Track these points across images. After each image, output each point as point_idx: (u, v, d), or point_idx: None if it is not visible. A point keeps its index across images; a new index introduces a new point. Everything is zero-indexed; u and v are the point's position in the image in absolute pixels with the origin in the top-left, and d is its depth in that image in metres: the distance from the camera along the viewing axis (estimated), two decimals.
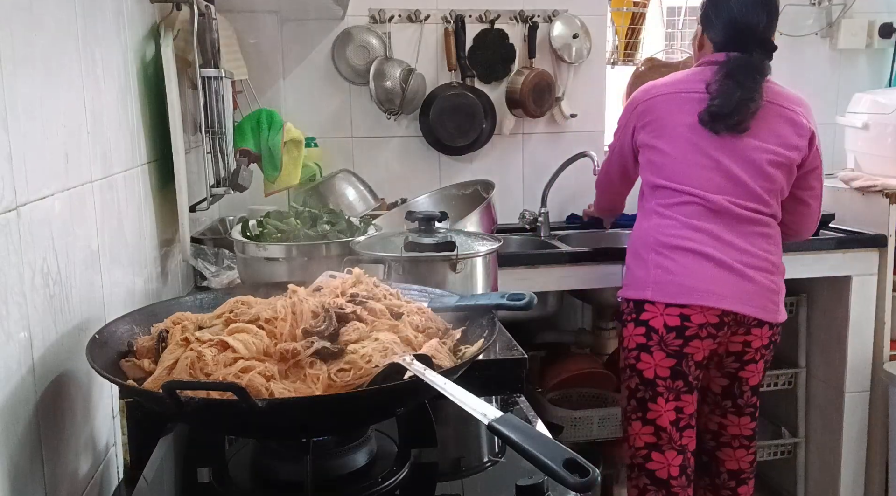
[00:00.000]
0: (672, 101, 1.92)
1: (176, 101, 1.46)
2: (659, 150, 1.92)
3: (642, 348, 1.91)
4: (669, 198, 1.91)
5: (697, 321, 1.85)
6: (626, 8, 3.01)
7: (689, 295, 1.85)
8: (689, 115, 1.88)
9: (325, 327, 0.90)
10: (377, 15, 2.57)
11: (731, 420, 2.01)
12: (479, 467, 1.04)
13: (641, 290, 1.90)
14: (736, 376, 1.97)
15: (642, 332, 1.90)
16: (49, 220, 0.90)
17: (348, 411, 0.83)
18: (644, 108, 1.96)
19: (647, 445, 1.92)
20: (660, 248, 1.89)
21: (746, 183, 1.87)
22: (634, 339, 1.92)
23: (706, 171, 1.87)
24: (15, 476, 0.79)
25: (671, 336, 1.87)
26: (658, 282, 1.88)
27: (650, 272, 1.90)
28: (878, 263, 2.42)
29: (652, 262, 1.90)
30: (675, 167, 1.90)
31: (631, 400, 1.95)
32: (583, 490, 0.66)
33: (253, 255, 1.49)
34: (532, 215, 2.67)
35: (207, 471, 0.94)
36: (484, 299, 1.05)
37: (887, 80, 2.95)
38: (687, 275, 1.86)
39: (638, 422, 1.93)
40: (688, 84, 1.92)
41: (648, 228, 1.94)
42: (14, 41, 0.83)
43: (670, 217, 1.90)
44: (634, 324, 1.92)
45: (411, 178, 2.66)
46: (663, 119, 1.92)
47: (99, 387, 1.07)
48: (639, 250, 1.95)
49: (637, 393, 1.93)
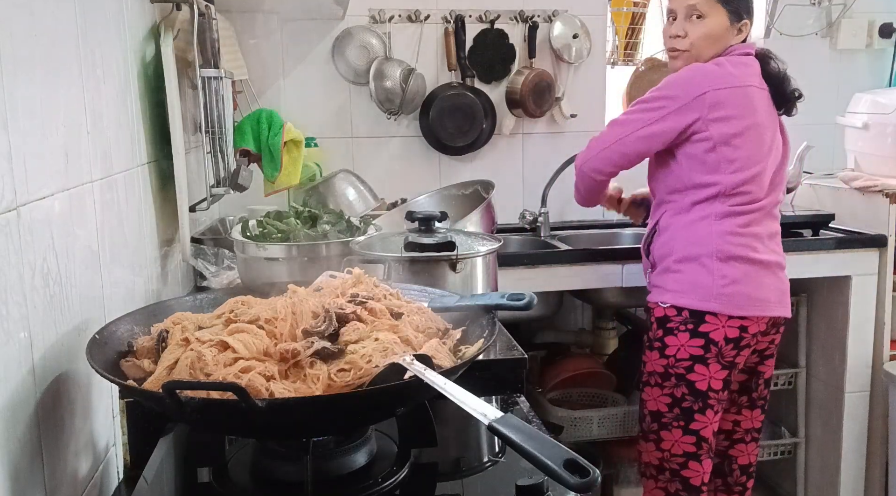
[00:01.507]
0: (747, 97, 1.81)
1: (176, 101, 1.46)
2: (742, 149, 1.80)
3: (698, 360, 1.83)
4: (745, 205, 1.82)
5: (752, 331, 1.83)
6: (626, 8, 3.01)
7: (751, 306, 1.81)
8: (761, 113, 1.82)
9: (326, 327, 0.90)
10: (377, 15, 2.58)
11: (745, 414, 2.00)
12: (479, 467, 1.04)
13: (705, 301, 1.82)
14: (755, 371, 1.97)
15: (700, 344, 1.83)
16: (49, 220, 0.90)
17: (348, 411, 0.83)
18: (716, 98, 1.78)
19: (686, 454, 1.87)
20: (727, 257, 1.81)
21: (781, 182, 1.88)
22: (688, 350, 1.84)
23: (767, 174, 1.84)
24: (15, 476, 0.79)
25: (728, 348, 1.82)
26: (724, 294, 1.80)
27: (715, 282, 1.81)
28: (878, 263, 2.42)
29: (717, 272, 1.81)
30: (757, 170, 1.81)
31: (675, 408, 1.87)
32: (583, 490, 0.66)
33: (253, 255, 1.49)
34: (532, 215, 2.67)
35: (207, 471, 0.94)
36: (484, 299, 1.05)
37: (887, 80, 2.95)
38: (749, 285, 1.81)
39: (679, 430, 1.87)
40: (750, 78, 1.83)
41: (711, 234, 1.82)
42: (14, 41, 0.83)
43: (739, 225, 1.82)
44: (691, 334, 1.83)
45: (411, 178, 2.66)
46: (742, 116, 1.80)
47: (99, 387, 1.07)
48: (698, 256, 1.83)
49: (683, 402, 1.86)
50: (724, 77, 1.80)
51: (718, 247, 1.81)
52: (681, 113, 1.80)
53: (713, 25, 1.84)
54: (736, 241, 1.82)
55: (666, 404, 1.89)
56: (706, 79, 1.79)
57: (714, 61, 1.85)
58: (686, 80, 1.82)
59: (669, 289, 1.87)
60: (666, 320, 1.88)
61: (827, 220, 2.57)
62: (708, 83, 1.79)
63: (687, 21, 1.86)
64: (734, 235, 1.82)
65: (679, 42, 1.88)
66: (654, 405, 1.91)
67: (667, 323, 1.87)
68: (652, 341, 1.92)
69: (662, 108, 1.81)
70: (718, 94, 1.78)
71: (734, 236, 1.82)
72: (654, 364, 1.91)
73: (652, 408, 1.92)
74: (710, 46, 1.86)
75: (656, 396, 1.91)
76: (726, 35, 1.85)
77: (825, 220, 2.57)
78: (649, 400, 1.93)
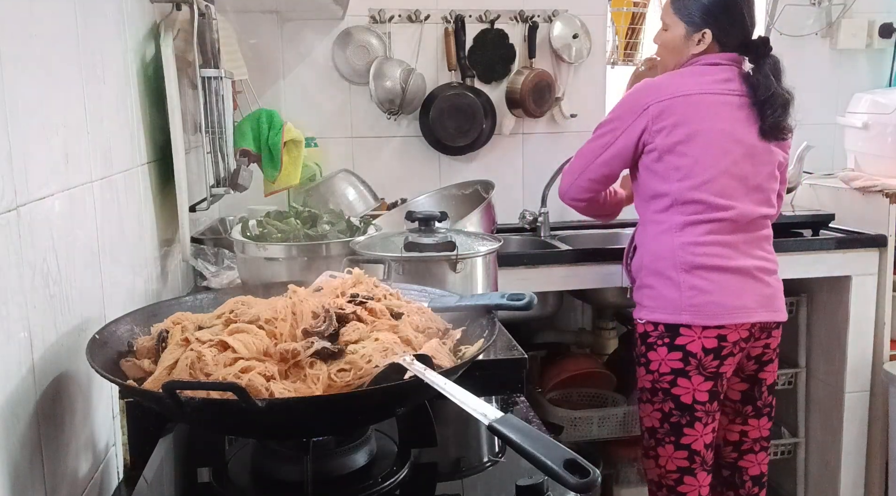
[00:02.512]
0: (698, 104, 1.82)
1: (176, 101, 1.46)
2: (689, 156, 1.80)
3: (679, 373, 1.84)
4: (701, 213, 1.81)
5: (732, 339, 1.82)
6: (626, 8, 3.01)
7: (725, 315, 1.80)
8: (724, 120, 1.81)
9: (325, 327, 0.90)
10: (377, 15, 2.58)
11: (752, 424, 1.97)
12: (479, 467, 1.04)
13: (675, 314, 1.82)
14: (755, 379, 1.94)
15: (678, 357, 1.83)
16: (49, 220, 0.90)
17: (348, 411, 0.83)
18: (658, 109, 1.82)
19: (680, 469, 1.86)
20: (691, 268, 1.81)
21: (763, 188, 1.85)
22: (668, 364, 1.85)
23: (734, 181, 1.81)
24: (15, 476, 0.79)
25: (709, 358, 1.81)
26: (694, 305, 1.81)
27: (683, 294, 1.82)
28: (878, 263, 2.42)
29: (684, 284, 1.81)
30: (706, 177, 1.80)
31: (664, 423, 1.87)
32: (583, 490, 0.66)
33: (253, 255, 1.49)
34: (532, 215, 2.66)
35: (207, 471, 0.94)
36: (484, 299, 1.05)
37: (887, 80, 2.95)
38: (720, 294, 1.80)
39: (671, 446, 1.87)
40: (705, 86, 1.83)
41: (675, 247, 1.83)
42: (14, 41, 0.83)
43: (700, 234, 1.82)
44: (668, 348, 1.84)
45: (411, 178, 2.66)
46: (691, 123, 1.80)
47: (99, 387, 1.07)
48: (664, 269, 1.85)
49: (671, 417, 1.86)
50: (669, 88, 1.84)
51: (681, 258, 1.82)
52: (629, 130, 1.86)
53: (670, 37, 1.92)
54: (699, 251, 1.81)
55: (657, 420, 1.89)
56: (648, 93, 1.86)
57: (670, 73, 1.92)
58: (631, 98, 1.90)
59: (645, 304, 1.90)
60: (646, 336, 1.89)
61: (827, 219, 2.57)
62: (650, 96, 1.84)
63: (660, 31, 1.97)
64: (696, 245, 1.81)
65: (656, 50, 2.01)
66: (649, 421, 1.91)
67: (647, 338, 1.89)
68: (638, 357, 1.93)
69: (615, 130, 1.89)
70: (661, 104, 1.82)
71: (696, 246, 1.81)
72: (643, 380, 1.92)
73: (647, 424, 1.92)
74: (669, 56, 1.94)
75: (649, 412, 1.91)
76: (682, 46, 1.90)
77: (825, 220, 2.57)
78: (644, 416, 1.93)
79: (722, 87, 1.83)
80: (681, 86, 1.84)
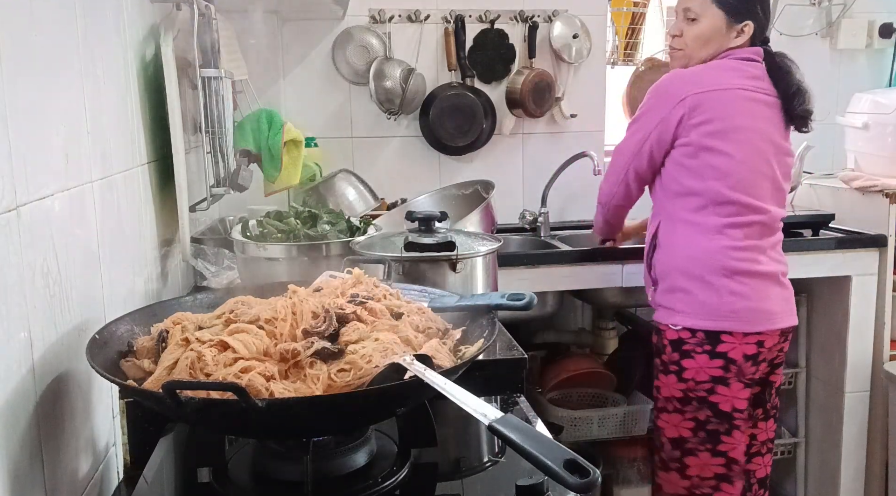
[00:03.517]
0: (736, 100, 1.76)
1: (176, 101, 1.46)
2: (726, 155, 1.75)
3: (718, 381, 1.79)
4: (738, 215, 1.77)
5: (768, 345, 1.80)
6: (626, 8, 3.01)
7: (764, 321, 1.77)
8: (758, 118, 1.77)
9: (326, 327, 0.90)
10: (377, 15, 2.57)
11: (761, 427, 1.95)
12: (479, 467, 1.04)
13: (716, 320, 1.77)
14: (767, 382, 1.92)
15: (719, 365, 1.78)
16: (49, 220, 0.90)
17: (348, 411, 0.83)
18: (695, 102, 1.75)
19: (717, 477, 1.82)
20: (731, 273, 1.76)
21: (783, 189, 1.84)
22: (708, 372, 1.79)
23: (766, 182, 1.79)
24: (15, 476, 0.79)
25: (748, 365, 1.78)
26: (735, 312, 1.76)
27: (723, 299, 1.77)
28: (878, 263, 2.42)
29: (724, 289, 1.77)
30: (743, 177, 1.76)
31: (699, 431, 1.82)
32: (583, 491, 0.66)
33: (253, 255, 1.49)
34: (532, 215, 2.66)
35: (207, 471, 0.94)
36: (484, 299, 1.05)
37: (887, 80, 2.95)
38: (758, 300, 1.77)
39: (706, 454, 1.82)
40: (740, 81, 1.77)
41: (713, 250, 1.77)
42: (14, 41, 0.83)
43: (738, 237, 1.77)
44: (709, 356, 1.78)
45: (411, 178, 2.66)
46: (726, 119, 1.75)
47: (99, 387, 1.07)
48: (701, 273, 1.78)
49: (707, 425, 1.81)
50: (705, 81, 1.77)
51: (721, 262, 1.77)
52: (666, 121, 1.79)
53: (706, 27, 1.81)
54: (738, 256, 1.77)
55: (689, 429, 1.82)
56: (684, 83, 1.78)
57: (701, 65, 1.83)
58: (664, 88, 1.82)
59: (679, 310, 1.82)
60: (681, 343, 1.82)
61: (827, 219, 2.57)
62: (686, 87, 1.77)
63: (683, 21, 1.85)
64: (735, 250, 1.77)
65: (676, 41, 1.88)
66: (675, 431, 1.84)
67: (682, 345, 1.81)
68: (667, 365, 1.85)
69: (650, 121, 1.82)
70: (697, 97, 1.75)
71: (735, 250, 1.77)
72: (672, 388, 1.84)
73: (672, 434, 1.84)
74: (701, 48, 1.83)
75: (677, 422, 1.83)
76: (720, 37, 1.81)
77: (825, 220, 2.57)
78: (668, 427, 1.85)
79: (754, 84, 1.79)
80: (718, 79, 1.77)
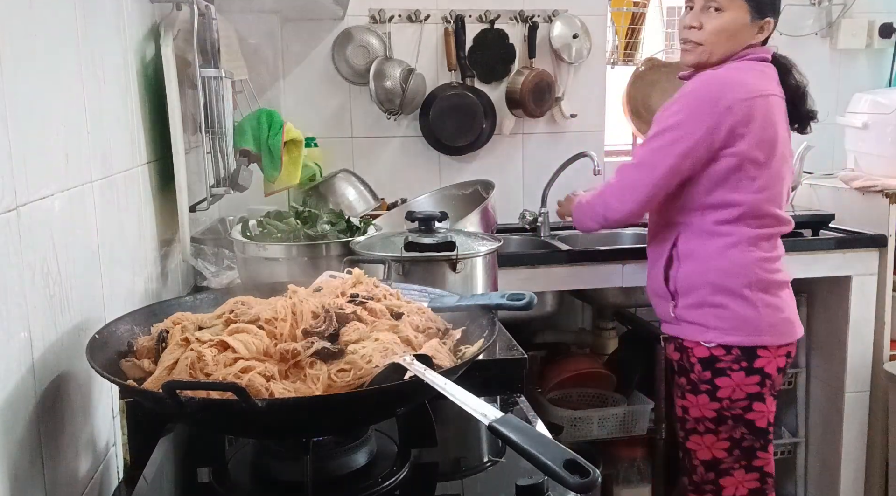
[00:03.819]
0: (770, 108, 1.67)
1: (176, 101, 1.46)
2: (767, 166, 1.67)
3: (755, 397, 1.72)
4: (771, 227, 1.72)
5: (794, 354, 1.77)
6: (626, 8, 3.01)
7: (794, 332, 1.74)
8: (782, 125, 1.71)
9: (326, 327, 0.90)
10: (377, 15, 2.58)
11: None
12: (479, 467, 1.04)
13: (754, 335, 1.71)
14: None
15: (756, 381, 1.72)
16: (49, 220, 0.90)
17: (348, 411, 0.83)
18: (744, 110, 1.63)
19: (752, 492, 1.77)
20: (767, 285, 1.71)
21: (788, 198, 1.82)
22: (745, 389, 1.72)
23: (785, 190, 1.75)
24: (15, 476, 0.79)
25: (780, 377, 1.74)
26: (772, 325, 1.71)
27: (760, 313, 1.70)
28: (878, 263, 2.42)
29: (760, 302, 1.70)
30: (777, 188, 1.70)
31: (734, 450, 1.75)
32: (583, 491, 0.66)
33: (253, 255, 1.49)
34: (532, 215, 2.66)
35: (207, 471, 0.94)
36: (484, 299, 1.05)
37: (887, 80, 2.95)
38: (789, 310, 1.74)
39: (741, 471, 1.76)
40: (771, 86, 1.69)
41: (748, 263, 1.70)
42: (14, 41, 0.83)
43: (770, 248, 1.72)
44: (746, 372, 1.71)
45: (411, 178, 2.66)
46: (768, 128, 1.66)
47: (99, 387, 1.07)
48: (736, 287, 1.71)
49: (743, 442, 1.75)
50: (746, 85, 1.66)
51: (758, 276, 1.71)
52: (712, 131, 1.65)
53: (730, 20, 1.69)
54: (770, 268, 1.73)
55: (724, 449, 1.75)
56: (729, 89, 1.65)
57: (728, 67, 1.71)
58: (706, 94, 1.67)
59: (713, 326, 1.73)
60: (714, 361, 1.73)
61: (827, 220, 2.57)
62: (732, 94, 1.64)
63: (703, 12, 1.71)
64: (768, 261, 1.72)
65: (693, 34, 1.73)
66: (708, 453, 1.77)
67: (715, 363, 1.73)
68: (697, 385, 1.76)
69: (691, 132, 1.66)
70: (745, 104, 1.64)
71: (769, 262, 1.72)
72: (704, 409, 1.75)
73: (705, 457, 1.77)
74: (724, 42, 1.70)
75: (710, 444, 1.76)
76: (744, 32, 1.70)
77: (825, 220, 2.57)
78: (700, 449, 1.78)
79: (777, 88, 1.73)
80: (758, 85, 1.67)
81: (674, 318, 1.81)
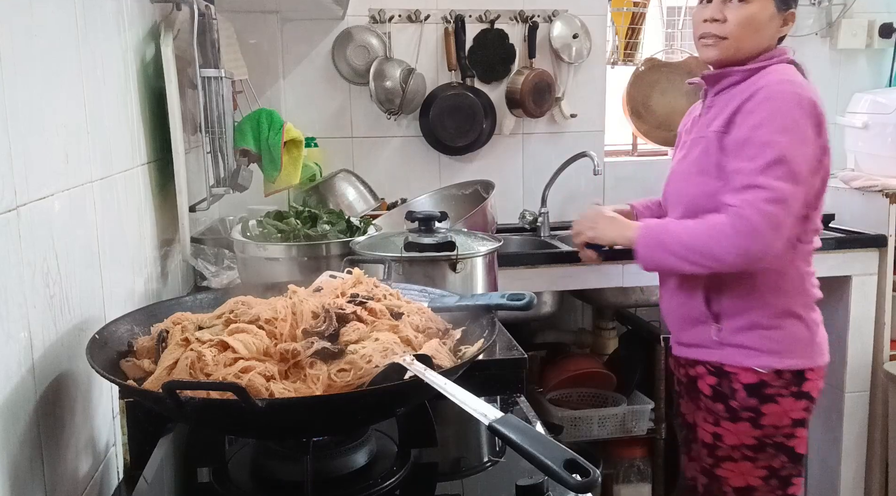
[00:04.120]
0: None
1: (176, 101, 1.46)
2: (825, 175, 1.60)
3: (799, 423, 1.59)
4: (814, 241, 1.63)
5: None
6: (626, 8, 3.01)
7: (828, 349, 1.65)
8: None
9: (326, 327, 0.90)
10: (377, 15, 2.58)
11: None
12: (479, 467, 1.04)
13: (809, 358, 1.59)
14: None
15: (803, 406, 1.59)
16: (49, 220, 0.90)
17: (348, 411, 0.83)
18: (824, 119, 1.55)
19: None
20: (815, 301, 1.63)
21: None
22: (792, 415, 1.58)
23: None
24: (15, 476, 0.79)
25: (819, 399, 1.63)
26: (819, 344, 1.61)
27: (813, 332, 1.60)
28: (878, 263, 2.42)
29: (812, 321, 1.60)
30: (822, 199, 1.63)
31: (771, 479, 1.60)
32: (583, 491, 0.66)
33: (253, 255, 1.49)
34: (532, 215, 2.67)
35: (207, 471, 0.94)
36: (484, 299, 1.05)
37: (887, 80, 2.95)
38: (827, 327, 1.66)
39: None
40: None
41: (802, 279, 1.60)
42: (14, 41, 0.83)
43: (812, 264, 1.63)
44: (795, 397, 1.58)
45: (411, 178, 2.66)
46: (826, 138, 1.59)
47: (99, 387, 1.07)
48: (792, 306, 1.58)
49: (782, 471, 1.61)
50: (815, 92, 1.54)
51: (810, 292, 1.62)
52: (824, 147, 1.58)
53: (757, 9, 1.54)
54: (815, 282, 1.64)
55: (760, 478, 1.61)
56: (813, 95, 1.52)
57: (791, 70, 1.56)
58: (800, 100, 1.51)
59: (766, 349, 1.57)
60: (763, 386, 1.57)
61: (827, 220, 2.57)
62: (817, 101, 1.53)
63: (725, 4, 1.55)
64: (813, 276, 1.63)
65: (716, 27, 1.56)
66: (742, 481, 1.62)
67: (764, 389, 1.57)
68: (738, 412, 1.59)
69: (816, 148, 1.57)
70: (824, 113, 1.55)
71: (813, 277, 1.64)
72: (744, 436, 1.60)
73: (739, 484, 1.62)
74: (751, 36, 1.55)
75: (746, 471, 1.61)
76: (770, 24, 1.56)
77: (825, 220, 2.57)
78: (734, 476, 1.62)
79: None
80: (815, 90, 1.56)
81: (716, 343, 1.62)
